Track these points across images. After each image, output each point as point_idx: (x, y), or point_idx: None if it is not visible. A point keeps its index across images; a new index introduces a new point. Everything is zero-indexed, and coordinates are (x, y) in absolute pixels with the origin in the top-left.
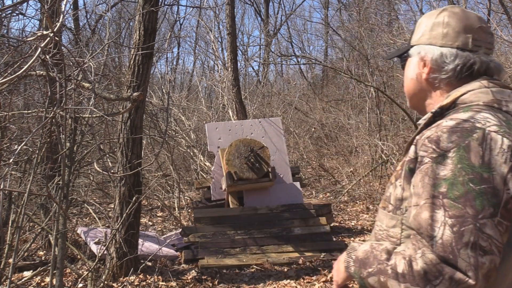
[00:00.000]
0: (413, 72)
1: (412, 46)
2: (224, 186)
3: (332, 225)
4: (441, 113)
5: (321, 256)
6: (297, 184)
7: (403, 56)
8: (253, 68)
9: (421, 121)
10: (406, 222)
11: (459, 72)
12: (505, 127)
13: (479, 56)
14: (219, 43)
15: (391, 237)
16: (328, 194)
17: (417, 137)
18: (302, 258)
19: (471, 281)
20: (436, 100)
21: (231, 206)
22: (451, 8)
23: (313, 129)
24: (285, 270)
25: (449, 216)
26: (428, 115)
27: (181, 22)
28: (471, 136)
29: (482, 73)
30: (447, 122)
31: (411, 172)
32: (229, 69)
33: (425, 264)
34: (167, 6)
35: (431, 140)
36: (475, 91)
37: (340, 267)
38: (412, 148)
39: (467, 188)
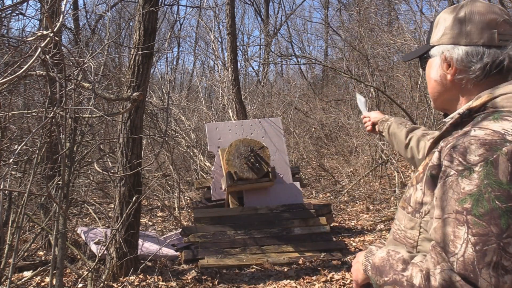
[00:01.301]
0: (436, 74)
1: (432, 46)
2: (224, 186)
3: (332, 225)
4: (470, 115)
5: (321, 256)
6: (297, 184)
7: (424, 57)
8: (253, 68)
9: (447, 120)
10: (425, 226)
11: (488, 70)
12: None
13: (508, 51)
14: (219, 43)
15: (409, 238)
16: (328, 194)
17: (442, 143)
18: (302, 258)
19: None
20: (464, 101)
21: (231, 206)
22: (471, 2)
23: (313, 129)
24: (285, 270)
25: (472, 234)
26: (455, 115)
27: (181, 22)
28: (500, 149)
29: (511, 70)
30: (475, 132)
31: (432, 178)
32: (229, 69)
33: (443, 281)
34: (167, 6)
35: (457, 151)
36: (508, 95)
37: (359, 267)
38: (436, 154)
39: (493, 206)
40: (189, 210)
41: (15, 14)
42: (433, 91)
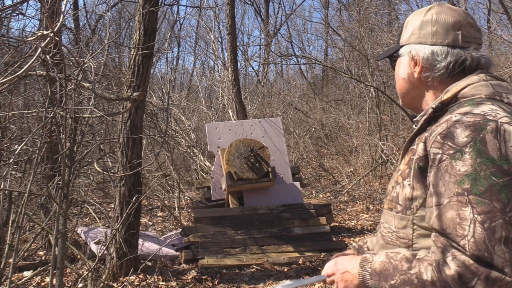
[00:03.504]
0: (404, 72)
1: (401, 46)
2: (224, 186)
3: (332, 225)
4: (442, 108)
5: (321, 256)
6: (297, 184)
7: (393, 56)
8: (253, 68)
9: (419, 118)
10: (418, 221)
11: (452, 69)
12: None
13: (470, 52)
14: (219, 43)
15: (402, 238)
16: (328, 194)
17: (425, 134)
18: (302, 258)
19: (508, 278)
20: (430, 98)
21: (231, 206)
22: (438, 5)
23: (313, 129)
24: (285, 270)
25: (477, 213)
26: (429, 110)
27: (181, 22)
28: (484, 129)
29: (473, 69)
30: (456, 117)
31: (420, 170)
32: (229, 69)
33: (458, 267)
34: (167, 6)
35: (444, 137)
36: (475, 85)
37: (351, 279)
38: (421, 145)
39: (491, 182)
40: (189, 210)
41: (15, 14)
42: (401, 89)
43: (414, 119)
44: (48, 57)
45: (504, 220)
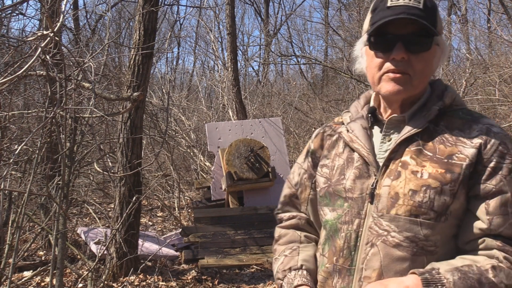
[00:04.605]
0: (435, 63)
1: (436, 34)
2: (224, 186)
3: None
4: (441, 111)
5: None
6: None
7: (426, 40)
8: (253, 68)
9: (427, 114)
10: (448, 228)
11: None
12: None
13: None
14: (219, 43)
15: (430, 246)
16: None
17: (479, 140)
18: None
19: None
20: (419, 94)
21: (231, 206)
22: None
23: (313, 129)
24: None
25: None
26: (433, 111)
27: (181, 22)
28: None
29: None
30: (494, 129)
31: (466, 176)
32: (229, 69)
33: None
34: (167, 6)
35: (505, 147)
36: (459, 95)
37: None
38: (473, 151)
39: None
40: (189, 210)
41: (15, 14)
42: (426, 80)
43: (394, 116)
44: (48, 57)
45: None
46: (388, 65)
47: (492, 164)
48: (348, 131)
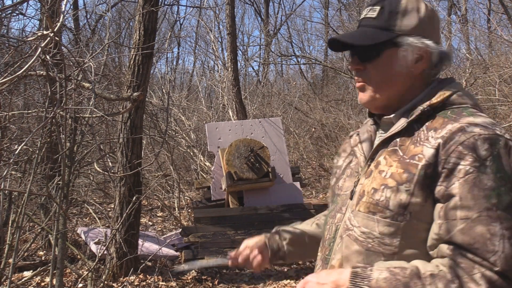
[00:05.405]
0: (403, 66)
1: (398, 35)
2: (224, 186)
3: None
4: (429, 111)
5: None
6: (297, 184)
7: (380, 45)
8: (253, 68)
9: (409, 116)
10: (409, 230)
11: (435, 66)
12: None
13: (442, 48)
14: (219, 43)
15: (387, 245)
16: (328, 194)
17: (439, 140)
18: None
19: None
20: (409, 97)
21: (231, 206)
22: None
23: (313, 129)
24: (285, 270)
25: (505, 228)
26: (417, 112)
27: (181, 22)
28: (498, 144)
29: (439, 67)
30: (470, 128)
31: (426, 177)
32: (229, 69)
33: (489, 284)
34: (167, 6)
35: (467, 147)
36: (461, 93)
37: None
38: (432, 151)
39: (511, 197)
40: (189, 210)
41: (15, 14)
42: (391, 85)
43: (384, 118)
44: (48, 57)
45: None
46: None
47: (449, 166)
48: (358, 134)
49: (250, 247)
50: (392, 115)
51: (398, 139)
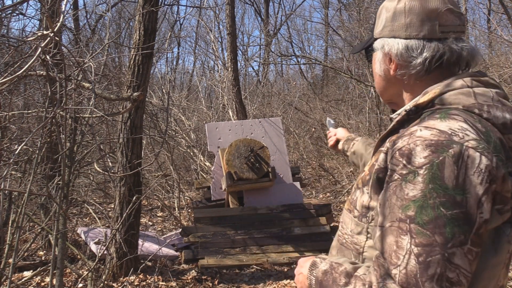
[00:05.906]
0: (380, 68)
1: (375, 39)
2: (224, 186)
3: (332, 225)
4: (417, 111)
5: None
6: (297, 184)
7: (369, 50)
8: (253, 68)
9: (394, 116)
10: (372, 231)
11: (428, 66)
12: (484, 143)
13: (449, 44)
14: (219, 43)
15: (355, 243)
16: (328, 194)
17: (388, 143)
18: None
19: None
20: (408, 97)
21: (231, 206)
22: None
23: (313, 129)
24: (285, 270)
25: (415, 244)
26: (402, 112)
27: (181, 22)
28: (446, 151)
29: (454, 63)
30: (421, 132)
31: (379, 182)
32: (229, 69)
33: None
34: (167, 6)
35: (402, 154)
36: (456, 92)
37: (304, 281)
38: (382, 156)
39: (438, 213)
40: (189, 210)
41: (15, 14)
42: (379, 86)
43: (390, 116)
44: (48, 57)
45: (443, 256)
46: None
47: (388, 172)
48: None
49: (334, 132)
50: (392, 115)
51: (387, 142)
